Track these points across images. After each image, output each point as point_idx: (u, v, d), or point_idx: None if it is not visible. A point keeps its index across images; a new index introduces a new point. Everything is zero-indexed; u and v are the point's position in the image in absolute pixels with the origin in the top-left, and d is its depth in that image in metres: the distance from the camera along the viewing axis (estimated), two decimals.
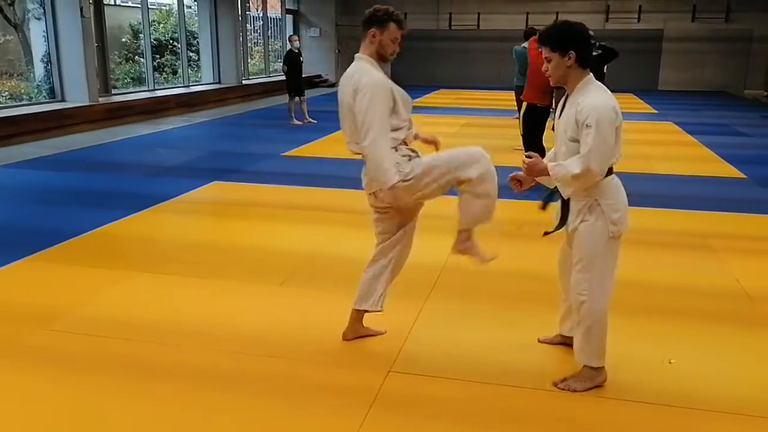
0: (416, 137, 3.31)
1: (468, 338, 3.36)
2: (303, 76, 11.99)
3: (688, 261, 4.46)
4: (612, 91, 2.70)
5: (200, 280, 4.17)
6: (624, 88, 14.56)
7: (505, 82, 18.57)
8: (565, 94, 2.78)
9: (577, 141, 2.64)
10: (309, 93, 13.29)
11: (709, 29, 18.47)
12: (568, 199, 2.80)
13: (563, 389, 2.86)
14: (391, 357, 3.16)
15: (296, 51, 11.49)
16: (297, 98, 11.51)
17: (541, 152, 6.74)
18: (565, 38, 2.63)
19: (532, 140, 6.78)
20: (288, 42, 11.88)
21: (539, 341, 3.29)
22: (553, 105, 6.80)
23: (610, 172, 2.74)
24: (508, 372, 3.05)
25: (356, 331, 3.34)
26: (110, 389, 2.86)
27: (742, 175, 7.48)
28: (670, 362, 3.09)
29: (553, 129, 3.01)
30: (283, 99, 12.30)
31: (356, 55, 3.09)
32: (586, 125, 2.56)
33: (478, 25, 19.87)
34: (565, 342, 3.17)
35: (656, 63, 18.30)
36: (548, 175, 2.72)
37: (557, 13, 18.97)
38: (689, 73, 18.68)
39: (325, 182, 6.97)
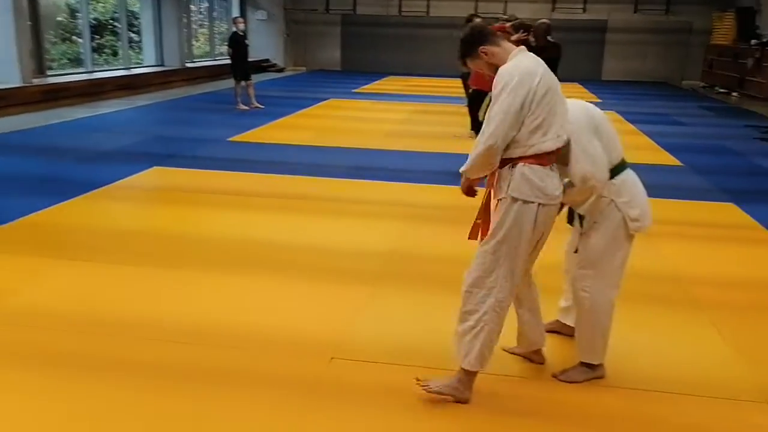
0: None
1: (416, 325, 3.35)
2: (249, 60, 11.76)
3: None
4: (559, 80, 2.64)
5: (137, 268, 4.04)
6: (569, 78, 14.77)
7: (455, 69, 18.65)
8: None
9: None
10: (256, 78, 13.03)
11: (650, 21, 18.95)
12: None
13: (564, 381, 2.84)
14: (335, 344, 3.13)
15: (241, 33, 11.25)
16: (243, 82, 11.28)
17: None
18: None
19: (477, 124, 6.81)
20: (233, 24, 11.61)
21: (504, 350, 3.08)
22: None
23: (622, 167, 2.72)
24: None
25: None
26: (41, 384, 2.74)
27: (679, 163, 7.71)
28: None
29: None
30: (229, 83, 12.04)
31: None
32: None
33: (428, 12, 19.87)
34: (557, 330, 3.19)
35: (600, 53, 18.68)
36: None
37: (505, 2, 19.15)
38: (631, 64, 19.15)
39: (272, 168, 6.86)
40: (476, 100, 6.81)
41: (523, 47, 2.62)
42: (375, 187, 6.27)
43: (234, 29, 11.36)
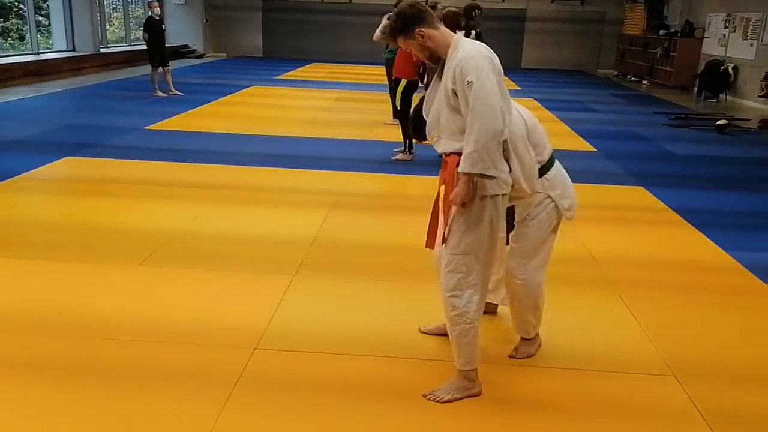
0: None
1: (338, 313, 3.35)
2: (167, 45, 11.38)
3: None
4: None
5: (49, 263, 3.87)
6: None
7: (378, 57, 18.64)
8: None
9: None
10: (175, 64, 12.60)
11: (566, 11, 19.53)
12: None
13: (515, 357, 2.95)
14: (257, 334, 3.10)
15: (157, 18, 10.86)
16: (160, 68, 10.91)
17: (405, 124, 6.88)
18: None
19: (405, 114, 6.85)
20: (148, 8, 11.18)
21: (421, 331, 3.17)
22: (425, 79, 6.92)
23: (552, 161, 2.75)
24: (381, 343, 3.09)
25: None
26: None
27: (593, 149, 8.02)
28: None
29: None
30: (146, 69, 11.64)
31: None
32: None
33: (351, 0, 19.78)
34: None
35: (520, 42, 19.13)
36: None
37: None
38: (549, 52, 19.69)
39: (191, 157, 6.68)
40: (403, 88, 6.83)
41: (461, 33, 2.59)
42: (298, 176, 6.21)
43: (149, 13, 10.95)
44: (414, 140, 2.78)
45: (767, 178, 7.00)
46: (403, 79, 6.72)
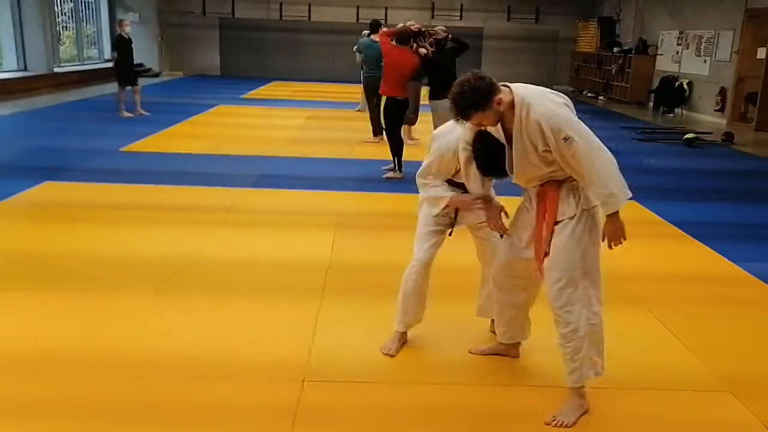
0: None
1: (372, 338, 3.24)
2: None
3: None
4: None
5: (56, 294, 3.65)
6: None
7: (339, 74, 18.67)
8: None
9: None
10: None
11: (522, 29, 19.93)
12: None
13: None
14: (301, 365, 2.97)
15: (127, 37, 10.57)
16: (130, 88, 10.62)
17: (399, 144, 6.86)
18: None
19: (393, 132, 6.83)
20: (118, 27, 10.90)
21: (471, 353, 3.15)
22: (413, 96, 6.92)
23: None
24: (423, 370, 3.01)
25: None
26: None
27: None
28: None
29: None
30: (102, 89, 11.33)
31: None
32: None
33: (309, 17, 19.70)
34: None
35: (478, 59, 19.37)
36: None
37: (386, 8, 19.41)
38: (506, 69, 19.96)
39: (177, 179, 6.47)
40: (389, 106, 6.81)
41: (510, 88, 2.51)
42: (293, 197, 6.08)
43: (119, 32, 10.66)
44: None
45: (753, 189, 7.22)
46: (384, 96, 6.74)
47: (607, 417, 2.68)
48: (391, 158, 6.93)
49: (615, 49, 16.77)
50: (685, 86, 13.87)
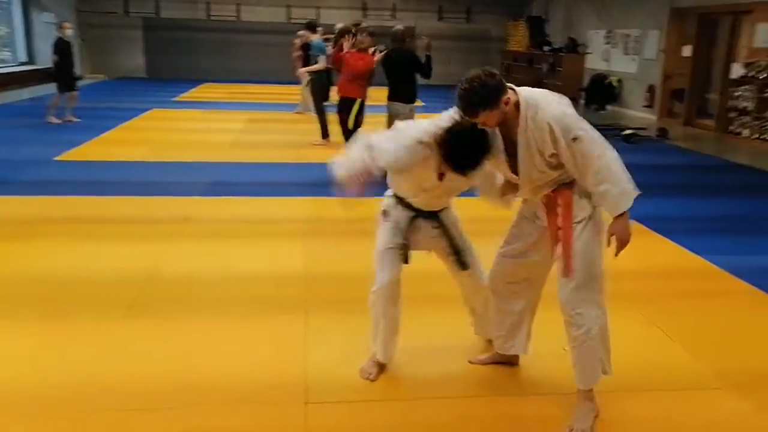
0: None
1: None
2: (41, 67, 10.50)
3: None
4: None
5: (8, 323, 3.33)
6: None
7: (272, 75, 18.26)
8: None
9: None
10: (51, 87, 11.29)
11: (453, 28, 20.13)
12: None
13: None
14: (300, 386, 2.82)
15: (67, 40, 9.99)
16: (68, 93, 10.05)
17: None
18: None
19: (348, 132, 6.71)
20: (58, 30, 10.29)
21: (470, 362, 3.07)
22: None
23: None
24: (427, 384, 2.91)
25: None
26: None
27: None
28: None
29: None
30: (19, 94, 10.65)
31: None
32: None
33: (239, 16, 19.22)
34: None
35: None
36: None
37: (317, 7, 19.19)
38: (439, 68, 20.09)
39: (123, 190, 6.11)
40: (346, 106, 6.67)
41: (517, 90, 2.43)
42: (250, 204, 5.84)
43: (59, 35, 10.05)
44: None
45: (702, 183, 7.49)
46: (358, 99, 6.58)
47: (614, 422, 2.65)
48: None
49: (545, 48, 17.17)
50: (615, 84, 14.33)
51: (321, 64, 8.77)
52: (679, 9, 12.27)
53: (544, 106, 2.39)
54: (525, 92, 2.44)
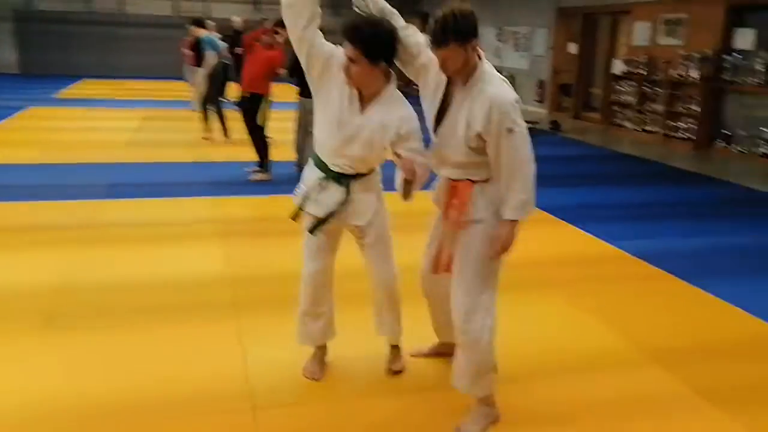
0: None
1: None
2: None
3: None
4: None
5: None
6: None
7: (158, 71, 17.48)
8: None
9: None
10: None
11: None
12: None
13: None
14: (245, 393, 2.72)
15: None
16: None
17: (264, 143, 6.55)
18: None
19: (256, 131, 6.52)
20: None
21: (412, 355, 3.06)
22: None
23: None
24: (379, 380, 2.89)
25: None
26: None
27: None
28: None
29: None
30: None
31: None
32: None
33: (124, 9, 18.25)
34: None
35: None
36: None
37: (206, 1, 18.59)
38: None
39: (13, 194, 5.66)
40: (253, 102, 6.47)
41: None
42: (159, 206, 5.57)
43: None
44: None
45: (595, 173, 7.92)
46: (266, 97, 6.39)
47: (549, 403, 2.74)
48: (257, 159, 6.63)
49: None
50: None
51: (211, 59, 8.49)
52: (564, 8, 12.92)
53: (497, 83, 2.34)
54: (486, 64, 2.40)
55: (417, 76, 2.53)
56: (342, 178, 2.60)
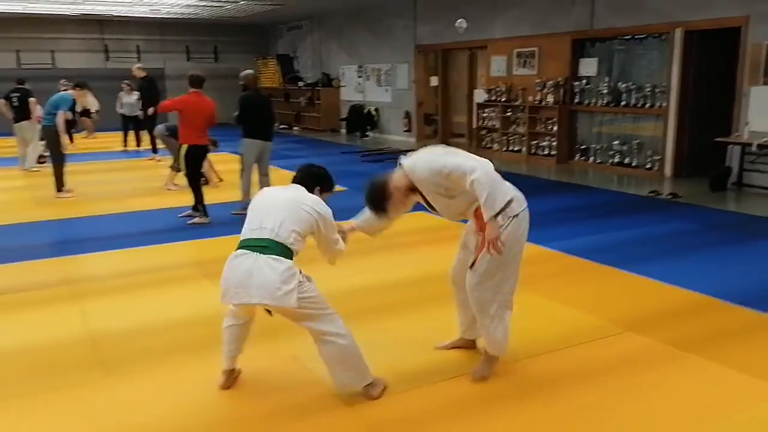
0: None
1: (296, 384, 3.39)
2: None
3: (398, 258, 5.37)
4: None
5: None
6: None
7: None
8: None
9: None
10: None
11: (203, 68, 20.00)
12: None
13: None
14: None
15: None
16: None
17: (199, 193, 6.70)
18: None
19: (195, 179, 6.71)
20: None
21: (436, 348, 3.61)
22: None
23: None
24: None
25: None
26: None
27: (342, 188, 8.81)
28: None
29: None
30: None
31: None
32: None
33: None
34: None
35: (164, 98, 18.95)
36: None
37: (52, 51, 17.78)
38: None
39: None
40: (191, 154, 6.68)
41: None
42: (110, 258, 5.56)
43: None
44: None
45: None
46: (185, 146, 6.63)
47: (544, 381, 3.24)
48: (191, 204, 6.81)
49: (300, 83, 18.15)
50: (373, 112, 15.81)
51: (60, 116, 8.32)
52: (421, 45, 14.10)
53: (420, 164, 3.11)
54: (408, 162, 3.16)
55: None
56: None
